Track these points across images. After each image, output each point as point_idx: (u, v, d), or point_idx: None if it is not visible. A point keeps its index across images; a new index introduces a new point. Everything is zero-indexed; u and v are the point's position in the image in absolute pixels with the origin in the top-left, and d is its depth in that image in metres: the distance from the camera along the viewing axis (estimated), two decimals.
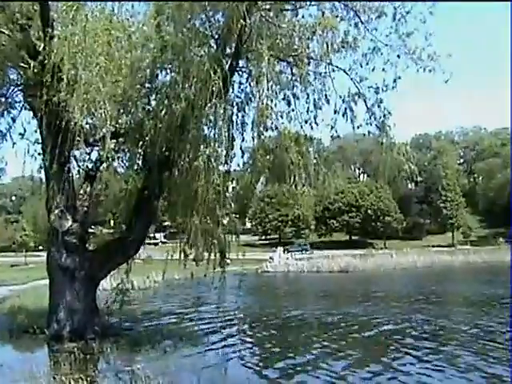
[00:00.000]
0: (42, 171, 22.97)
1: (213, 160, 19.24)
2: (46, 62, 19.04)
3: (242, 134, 21.55)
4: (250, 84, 21.71)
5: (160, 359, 18.39)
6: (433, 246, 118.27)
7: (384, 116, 21.82)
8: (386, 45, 21.28)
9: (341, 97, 21.61)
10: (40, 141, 22.58)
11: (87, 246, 23.70)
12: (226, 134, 19.63)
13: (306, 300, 42.78)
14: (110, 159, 21.81)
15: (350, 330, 25.89)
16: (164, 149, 20.78)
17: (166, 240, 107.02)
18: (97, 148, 22.88)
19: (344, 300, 40.67)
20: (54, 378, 15.57)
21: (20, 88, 23.05)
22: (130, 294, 25.95)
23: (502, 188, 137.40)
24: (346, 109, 21.59)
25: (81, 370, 16.82)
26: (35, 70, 20.00)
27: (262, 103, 18.90)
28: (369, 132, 22.66)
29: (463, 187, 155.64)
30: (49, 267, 22.95)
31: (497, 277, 57.96)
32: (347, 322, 28.17)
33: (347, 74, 21.81)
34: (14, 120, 23.28)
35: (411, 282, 57.29)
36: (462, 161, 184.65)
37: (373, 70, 21.66)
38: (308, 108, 21.62)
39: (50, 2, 20.22)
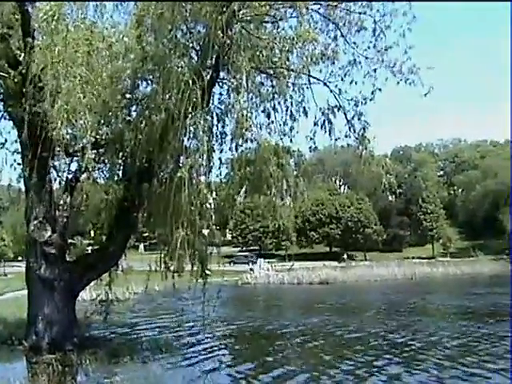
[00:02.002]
0: (22, 181, 22.88)
1: (193, 171, 19.22)
2: (26, 71, 19.00)
3: (222, 146, 21.63)
4: (229, 95, 21.77)
5: (139, 371, 18.33)
6: (413, 258, 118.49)
7: (363, 128, 21.94)
8: (366, 58, 21.41)
9: (320, 109, 21.75)
10: (20, 150, 22.49)
11: (67, 256, 23.57)
12: (206, 145, 19.62)
13: (284, 312, 42.81)
14: (90, 170, 21.74)
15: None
16: (144, 160, 20.75)
17: (146, 251, 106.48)
18: (77, 158, 22.74)
19: (318, 311, 40.79)
20: None
21: (0, 98, 22.97)
22: (110, 306, 25.85)
23: (481, 200, 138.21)
24: (325, 121, 21.72)
25: (59, 382, 16.81)
26: (15, 80, 19.97)
27: (242, 115, 18.97)
28: (348, 144, 22.77)
29: (443, 199, 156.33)
30: (28, 278, 22.79)
31: (476, 288, 58.61)
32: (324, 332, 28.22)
33: (327, 86, 21.92)
34: None
35: (391, 293, 57.46)
36: (441, 173, 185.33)
37: (351, 82, 21.77)
38: (287, 120, 21.70)
39: (30, 12, 20.18)
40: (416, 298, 49.75)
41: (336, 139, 22.27)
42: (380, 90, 21.41)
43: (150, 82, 21.49)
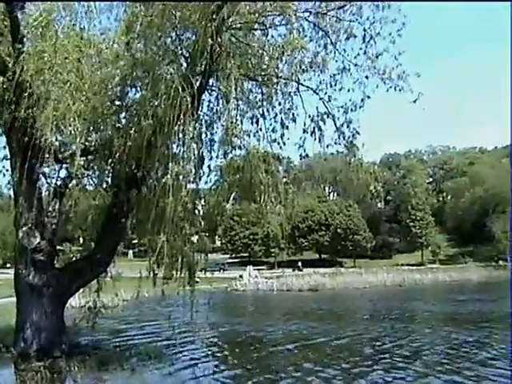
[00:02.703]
0: (11, 187, 22.81)
1: (181, 178, 19.21)
2: (15, 78, 18.95)
3: (210, 152, 21.62)
4: (219, 102, 21.82)
5: (128, 378, 18.34)
6: (402, 265, 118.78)
7: (353, 136, 21.99)
8: (356, 65, 21.51)
9: (310, 116, 21.76)
10: (9, 157, 22.44)
11: (55, 263, 23.50)
12: (195, 151, 19.65)
13: (273, 318, 42.72)
14: (79, 176, 21.75)
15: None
16: (133, 166, 20.74)
17: (135, 257, 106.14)
18: (66, 165, 22.74)
19: (306, 318, 40.88)
20: None
21: None
22: (99, 313, 25.78)
23: (469, 207, 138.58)
24: (314, 128, 21.73)
25: None
26: (4, 86, 19.87)
27: (231, 122, 19.01)
28: (337, 151, 22.83)
29: (432, 206, 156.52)
30: (16, 284, 22.69)
31: (464, 295, 58.88)
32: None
33: (316, 93, 21.97)
34: None
35: (379, 300, 57.68)
36: (430, 180, 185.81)
37: (340, 89, 21.85)
38: (276, 127, 21.76)
39: (20, 17, 20.17)
40: (404, 305, 49.95)
41: (326, 146, 22.32)
42: (369, 97, 21.53)
43: (139, 88, 21.45)
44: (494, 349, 25.01)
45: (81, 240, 26.33)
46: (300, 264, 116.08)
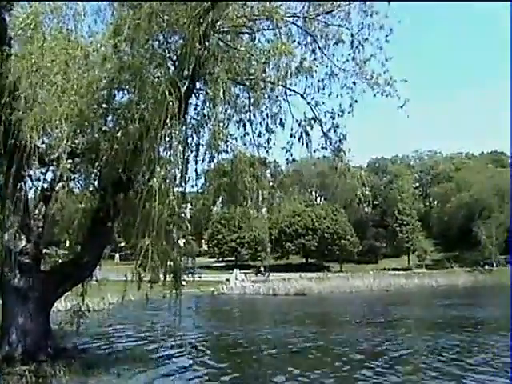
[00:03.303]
0: None
1: (168, 181, 19.19)
2: (2, 80, 18.89)
3: (197, 156, 21.57)
4: (206, 106, 21.79)
5: (114, 382, 18.25)
6: (388, 270, 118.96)
7: (339, 141, 22.02)
8: (344, 70, 21.57)
9: (297, 121, 21.79)
10: None
11: (41, 266, 23.41)
12: (182, 155, 19.64)
13: (259, 323, 42.76)
14: (66, 179, 21.66)
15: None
16: (120, 169, 20.71)
17: (121, 261, 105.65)
18: (52, 168, 22.65)
19: (291, 322, 40.89)
20: None
21: None
22: (85, 316, 25.69)
23: (456, 212, 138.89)
24: (302, 133, 21.75)
25: None
26: None
27: (218, 126, 19.02)
28: (324, 156, 22.87)
29: (419, 211, 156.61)
30: (1, 288, 22.55)
31: (450, 300, 59.15)
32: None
33: (304, 98, 22.00)
34: None
35: (365, 305, 57.85)
36: (417, 185, 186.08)
37: (329, 95, 21.91)
38: (263, 131, 21.77)
39: (7, 20, 20.12)
40: (390, 310, 50.18)
41: (313, 151, 22.33)
42: (356, 101, 21.58)
43: (126, 91, 21.43)
44: (479, 354, 25.22)
45: (67, 243, 26.17)
46: (263, 268, 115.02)
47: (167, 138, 19.57)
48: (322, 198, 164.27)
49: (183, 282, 23.11)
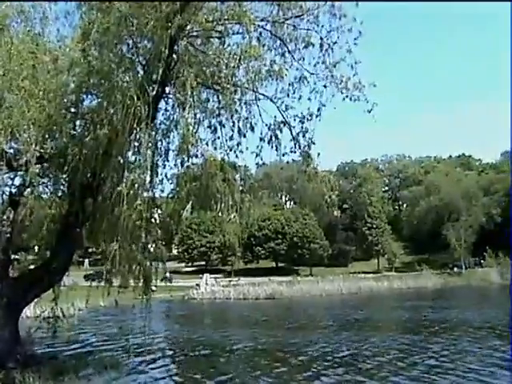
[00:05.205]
0: None
1: (136, 186, 19.06)
2: None
3: (166, 161, 21.44)
4: (175, 111, 21.68)
5: None
6: (358, 273, 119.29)
7: (308, 145, 22.01)
8: (313, 74, 21.55)
9: (267, 125, 21.74)
10: None
11: (10, 272, 23.19)
12: (151, 160, 19.54)
13: (228, 327, 42.89)
14: (34, 184, 21.49)
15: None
16: (88, 174, 20.57)
17: (91, 266, 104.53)
18: (21, 173, 22.46)
19: (260, 326, 41.02)
20: None
21: None
22: (54, 322, 25.51)
23: (425, 215, 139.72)
24: (271, 137, 21.71)
25: None
26: None
27: (188, 130, 18.94)
28: (293, 160, 22.89)
29: (388, 214, 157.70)
30: None
31: (418, 302, 59.75)
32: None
33: (273, 102, 21.96)
34: None
35: (334, 308, 58.24)
36: (386, 188, 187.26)
37: (299, 98, 21.87)
38: (233, 135, 21.72)
39: None
40: (358, 313, 50.70)
41: (282, 155, 22.32)
42: (325, 105, 21.56)
43: (95, 96, 21.31)
44: (418, 355, 25.87)
45: (36, 249, 25.98)
46: (168, 274, 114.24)
47: (136, 143, 19.51)
48: (292, 202, 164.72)
49: (153, 288, 23.03)
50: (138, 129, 18.59)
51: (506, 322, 37.84)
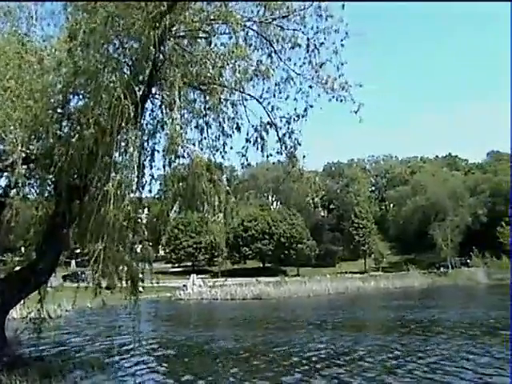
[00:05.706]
0: None
1: (123, 186, 19.01)
2: None
3: (153, 162, 21.42)
4: (162, 111, 21.66)
5: None
6: (345, 273, 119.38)
7: (294, 146, 22.04)
8: (299, 74, 21.58)
9: (253, 126, 21.78)
10: None
11: None
12: (137, 160, 19.50)
13: (216, 328, 42.93)
14: (21, 185, 21.41)
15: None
16: (75, 175, 20.51)
17: (78, 267, 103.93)
18: (7, 174, 22.39)
19: (247, 327, 41.09)
20: None
21: None
22: (41, 323, 25.42)
23: (411, 215, 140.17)
24: (257, 137, 21.74)
25: None
26: None
27: (174, 130, 18.91)
28: (279, 161, 22.93)
29: (375, 214, 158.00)
30: None
31: (404, 301, 60.00)
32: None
33: (260, 102, 21.98)
34: None
35: (321, 308, 58.32)
36: (373, 188, 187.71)
37: (286, 98, 21.89)
38: (220, 136, 21.72)
39: None
40: (345, 313, 50.82)
41: (268, 156, 22.34)
42: (312, 106, 21.59)
43: (81, 96, 21.25)
44: (400, 354, 26.07)
45: (22, 250, 25.89)
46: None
47: (123, 143, 19.44)
48: (278, 203, 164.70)
49: (140, 288, 22.99)
50: (125, 129, 18.56)
51: (494, 320, 38.10)
